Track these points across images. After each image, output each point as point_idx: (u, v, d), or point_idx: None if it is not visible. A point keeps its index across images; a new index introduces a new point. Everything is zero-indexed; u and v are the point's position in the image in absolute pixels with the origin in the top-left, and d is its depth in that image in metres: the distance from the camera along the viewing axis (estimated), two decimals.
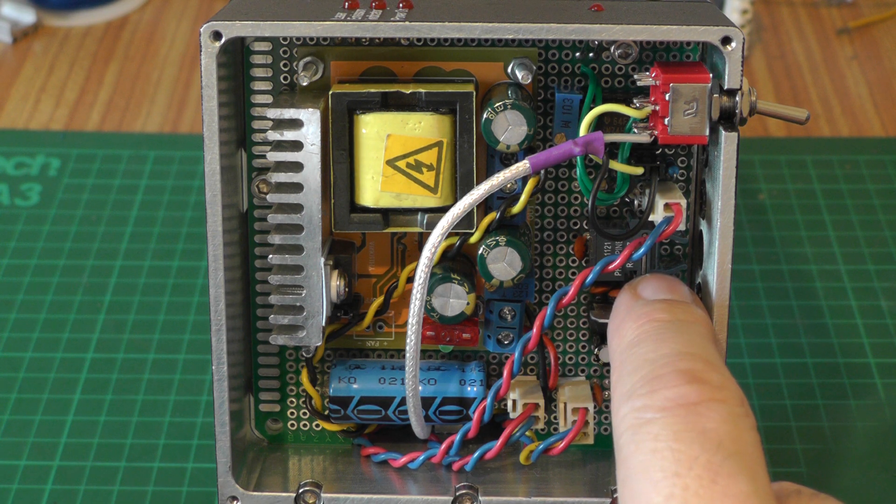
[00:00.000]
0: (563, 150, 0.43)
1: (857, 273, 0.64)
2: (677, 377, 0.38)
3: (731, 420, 0.37)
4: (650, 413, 0.37)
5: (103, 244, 0.66)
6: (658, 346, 0.39)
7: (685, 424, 0.36)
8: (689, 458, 0.35)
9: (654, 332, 0.40)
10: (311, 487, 0.48)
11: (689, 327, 0.40)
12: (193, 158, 0.71)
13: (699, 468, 0.35)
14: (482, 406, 0.47)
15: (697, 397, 0.37)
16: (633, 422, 0.37)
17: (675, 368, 0.38)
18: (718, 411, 0.37)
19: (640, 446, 0.36)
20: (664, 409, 0.37)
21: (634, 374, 0.39)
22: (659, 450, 0.36)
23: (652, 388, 0.37)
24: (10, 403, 0.57)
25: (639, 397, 0.37)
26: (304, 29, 0.44)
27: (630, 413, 0.37)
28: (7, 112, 0.75)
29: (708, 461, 0.35)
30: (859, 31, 0.82)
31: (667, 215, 0.45)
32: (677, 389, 0.37)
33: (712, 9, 0.46)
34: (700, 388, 0.37)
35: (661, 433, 0.36)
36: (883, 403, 0.57)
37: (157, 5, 0.84)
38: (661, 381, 0.38)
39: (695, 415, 0.36)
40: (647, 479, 0.35)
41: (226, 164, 0.46)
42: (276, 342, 0.46)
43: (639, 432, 0.37)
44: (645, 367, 0.39)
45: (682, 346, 0.39)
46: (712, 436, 0.36)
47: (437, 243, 0.44)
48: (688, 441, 0.36)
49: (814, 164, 0.71)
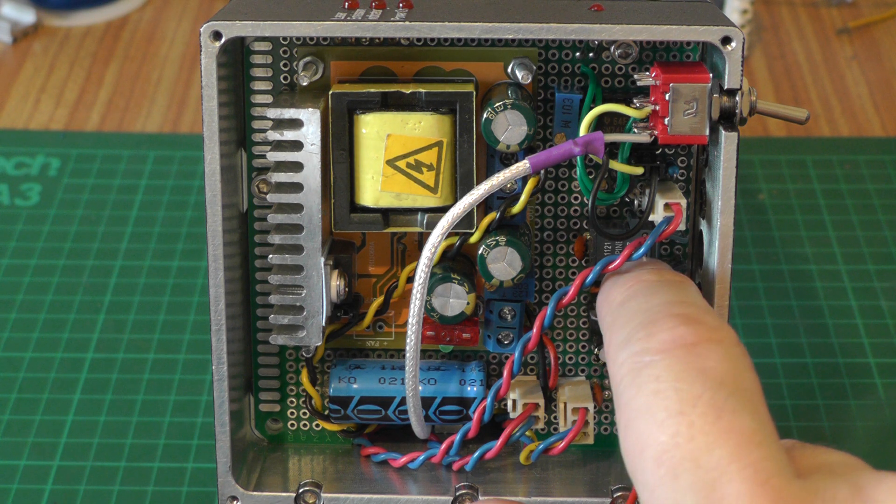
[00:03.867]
0: (563, 150, 0.43)
1: (857, 273, 0.64)
2: (673, 319, 0.38)
3: (730, 359, 0.37)
4: (649, 356, 0.37)
5: (103, 244, 0.66)
6: (649, 298, 0.40)
7: (685, 364, 0.36)
8: (693, 396, 0.35)
9: (644, 289, 0.41)
10: (311, 487, 0.48)
11: (677, 284, 0.41)
12: (193, 158, 0.71)
13: (703, 405, 0.35)
14: (482, 406, 0.47)
15: (695, 338, 0.37)
16: (632, 366, 0.37)
17: (670, 313, 0.38)
18: (717, 351, 0.37)
19: (641, 389, 0.36)
20: (663, 351, 0.37)
21: (628, 324, 0.39)
22: (661, 390, 0.36)
23: (648, 333, 0.38)
24: (10, 403, 0.57)
25: (636, 342, 0.38)
26: (304, 29, 0.44)
27: (628, 358, 0.37)
28: (7, 112, 0.75)
29: (711, 398, 0.35)
30: (859, 31, 0.82)
31: (667, 215, 0.45)
32: (674, 331, 0.37)
33: (712, 9, 0.46)
34: (697, 328, 0.37)
35: (662, 374, 0.36)
36: (883, 403, 0.57)
37: (157, 5, 0.84)
38: (657, 325, 0.38)
39: (694, 355, 0.37)
40: (652, 419, 0.35)
41: (226, 164, 0.46)
42: (276, 342, 0.46)
43: (639, 375, 0.37)
44: (638, 316, 0.39)
45: (674, 296, 0.40)
46: (713, 374, 0.36)
47: (437, 243, 0.44)
48: (690, 380, 0.36)
49: (814, 164, 0.71)
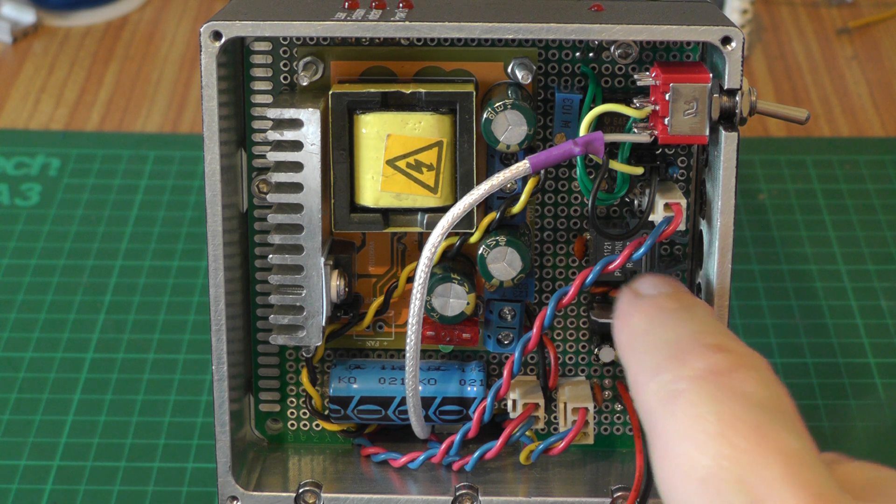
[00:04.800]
0: (563, 150, 0.43)
1: (857, 273, 0.64)
2: (705, 349, 0.37)
3: (767, 384, 0.36)
4: (683, 384, 0.36)
5: (103, 244, 0.66)
6: (676, 328, 0.39)
7: (722, 389, 0.35)
8: (733, 417, 0.34)
9: (666, 318, 0.40)
10: (311, 487, 0.48)
11: (699, 311, 0.40)
12: (193, 158, 0.71)
13: (744, 427, 0.34)
14: (482, 406, 0.47)
15: (729, 365, 0.36)
16: (664, 395, 0.36)
17: (701, 343, 0.37)
18: (753, 377, 0.36)
19: (677, 415, 0.35)
20: (697, 378, 0.36)
21: (657, 353, 0.38)
22: (700, 414, 0.35)
23: (680, 362, 0.37)
24: (10, 403, 0.57)
25: (666, 371, 0.37)
26: (304, 29, 0.44)
27: (661, 386, 0.36)
28: (7, 112, 0.75)
29: (753, 420, 0.34)
30: (859, 31, 0.82)
31: (667, 215, 0.45)
32: (707, 359, 0.36)
33: (712, 9, 0.46)
34: (729, 356, 0.37)
35: (698, 399, 0.35)
36: (883, 403, 0.57)
37: (157, 5, 0.84)
38: (688, 354, 0.37)
39: (730, 380, 0.36)
40: (691, 442, 0.34)
41: (226, 164, 0.46)
42: (276, 342, 0.46)
43: (674, 402, 0.36)
44: (665, 346, 0.38)
45: (700, 325, 0.39)
46: (752, 398, 0.35)
47: (437, 243, 0.44)
48: (729, 403, 0.35)
49: (814, 164, 0.71)
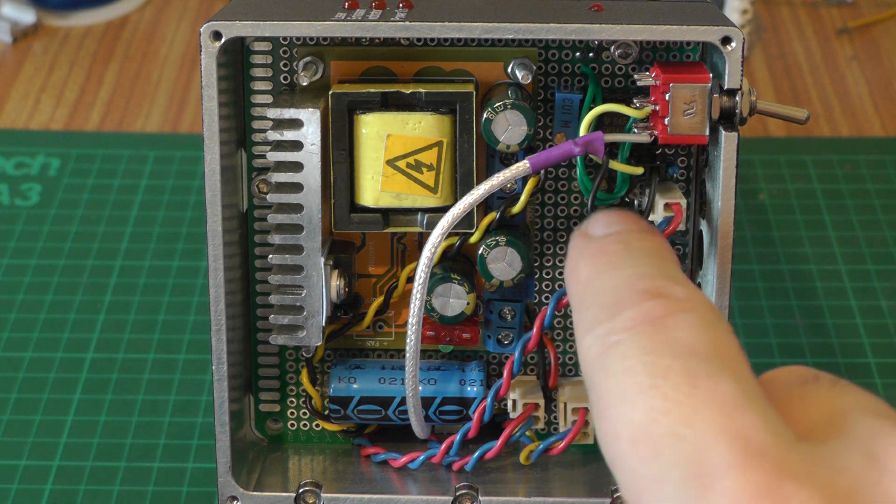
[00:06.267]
0: (563, 150, 0.43)
1: (857, 273, 0.64)
2: (638, 296, 0.35)
3: (703, 326, 0.34)
4: (614, 336, 0.34)
5: (103, 244, 0.66)
6: (614, 274, 0.37)
7: (653, 337, 0.34)
8: (663, 367, 0.33)
9: (609, 263, 0.38)
10: (311, 487, 0.48)
11: (646, 252, 0.38)
12: (193, 158, 0.71)
13: (675, 376, 0.33)
14: (482, 406, 0.47)
15: (662, 311, 0.34)
16: (598, 349, 0.34)
17: (635, 289, 0.36)
18: (687, 320, 0.34)
19: (609, 370, 0.34)
20: (628, 329, 0.34)
21: (593, 305, 0.36)
22: (630, 367, 0.33)
23: (613, 313, 0.35)
24: (10, 403, 0.57)
25: (601, 323, 0.35)
26: (304, 29, 0.44)
27: (594, 342, 0.35)
28: (7, 112, 0.75)
29: (683, 366, 0.33)
30: (859, 31, 0.82)
31: (667, 215, 0.45)
32: (639, 307, 0.35)
33: (712, 9, 0.46)
34: (664, 301, 0.35)
35: (628, 351, 0.34)
36: None
37: (157, 5, 0.84)
38: (622, 303, 0.35)
39: (662, 327, 0.34)
40: (622, 398, 0.33)
41: (226, 164, 0.46)
42: (276, 342, 0.46)
43: (606, 357, 0.34)
44: (603, 295, 0.36)
45: (640, 268, 0.37)
46: (684, 343, 0.33)
47: (437, 243, 0.44)
48: (658, 352, 0.33)
49: (814, 164, 0.71)
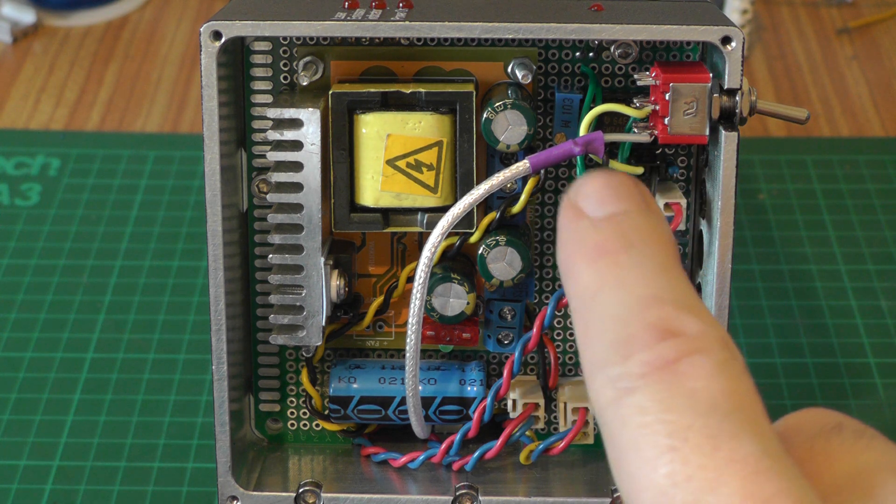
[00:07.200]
0: (563, 149, 0.43)
1: (857, 273, 0.64)
2: (649, 335, 0.34)
3: (719, 371, 0.33)
4: (628, 381, 0.33)
5: (103, 244, 0.66)
6: (620, 296, 0.36)
7: (670, 389, 0.33)
8: (683, 427, 0.32)
9: (612, 275, 0.36)
10: (311, 487, 0.48)
11: (646, 254, 0.36)
12: (193, 158, 0.71)
13: (696, 437, 0.32)
14: (482, 406, 0.47)
15: (676, 353, 0.33)
16: (612, 394, 0.34)
17: (645, 323, 0.34)
18: (703, 366, 0.33)
19: (626, 423, 0.33)
20: (643, 376, 0.33)
21: (603, 337, 0.35)
22: (648, 424, 0.32)
23: (625, 354, 0.34)
24: (10, 403, 0.57)
25: (613, 365, 0.34)
26: (304, 29, 0.44)
27: (607, 384, 0.34)
28: (7, 112, 0.75)
29: (704, 427, 0.32)
30: (859, 31, 0.82)
31: (667, 215, 0.45)
32: (652, 351, 0.34)
33: (712, 9, 0.46)
34: (676, 342, 0.34)
35: (645, 405, 0.33)
36: (883, 403, 0.57)
37: (157, 5, 0.84)
38: (633, 343, 0.34)
39: (678, 376, 0.33)
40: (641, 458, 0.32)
41: (226, 164, 0.46)
42: (276, 342, 0.46)
43: (621, 406, 0.33)
44: (611, 327, 0.35)
45: (647, 288, 0.35)
46: (703, 396, 0.33)
47: (437, 243, 0.44)
48: (678, 409, 0.32)
49: (814, 164, 0.71)
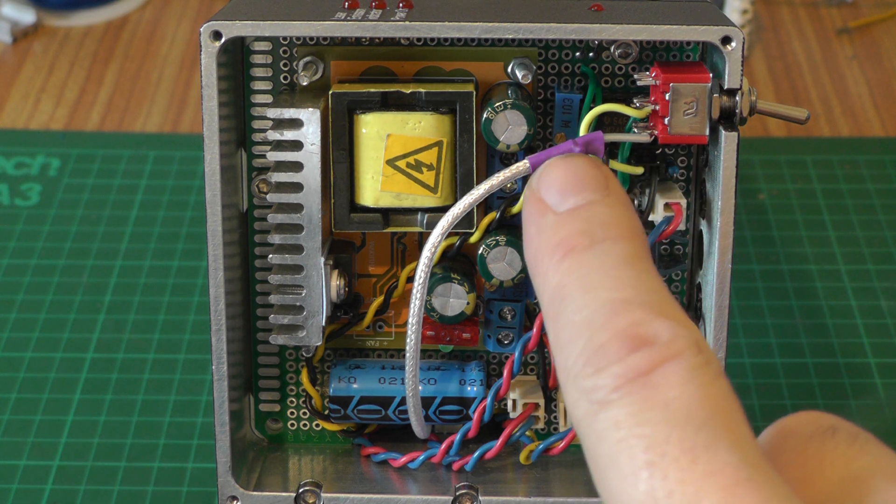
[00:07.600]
0: (563, 149, 0.43)
1: (857, 273, 0.64)
2: (620, 344, 0.34)
3: (691, 378, 0.33)
4: (601, 394, 0.33)
5: (103, 244, 0.66)
6: (587, 300, 0.35)
7: (644, 402, 0.32)
8: (660, 441, 0.32)
9: (579, 277, 0.36)
10: (311, 487, 0.48)
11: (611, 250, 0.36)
12: (193, 158, 0.71)
13: (673, 450, 0.31)
14: (482, 406, 0.47)
15: (649, 363, 0.33)
16: (587, 408, 0.33)
17: (615, 331, 0.34)
18: (676, 374, 0.33)
19: (602, 437, 0.33)
20: (616, 389, 0.33)
21: (573, 344, 0.34)
22: (624, 439, 0.32)
23: (597, 366, 0.34)
24: (10, 403, 0.57)
25: (585, 378, 0.34)
26: (304, 29, 0.44)
27: (581, 397, 0.33)
28: (7, 112, 0.75)
29: (681, 439, 0.32)
30: (859, 31, 0.82)
31: (667, 215, 0.45)
32: (623, 364, 0.33)
33: (712, 9, 0.46)
34: (648, 352, 0.33)
35: (621, 419, 0.32)
36: (883, 403, 0.57)
37: (157, 5, 0.84)
38: (604, 354, 0.34)
39: (651, 387, 0.33)
40: (620, 474, 0.32)
41: (226, 164, 0.46)
42: (276, 342, 0.46)
43: (596, 420, 0.33)
44: (582, 334, 0.34)
45: (613, 288, 0.35)
46: (677, 406, 0.32)
47: (437, 243, 0.44)
48: (653, 421, 0.32)
49: (814, 164, 0.71)
